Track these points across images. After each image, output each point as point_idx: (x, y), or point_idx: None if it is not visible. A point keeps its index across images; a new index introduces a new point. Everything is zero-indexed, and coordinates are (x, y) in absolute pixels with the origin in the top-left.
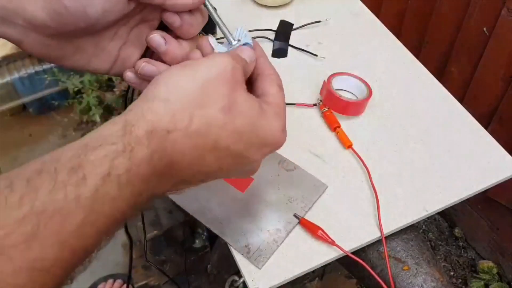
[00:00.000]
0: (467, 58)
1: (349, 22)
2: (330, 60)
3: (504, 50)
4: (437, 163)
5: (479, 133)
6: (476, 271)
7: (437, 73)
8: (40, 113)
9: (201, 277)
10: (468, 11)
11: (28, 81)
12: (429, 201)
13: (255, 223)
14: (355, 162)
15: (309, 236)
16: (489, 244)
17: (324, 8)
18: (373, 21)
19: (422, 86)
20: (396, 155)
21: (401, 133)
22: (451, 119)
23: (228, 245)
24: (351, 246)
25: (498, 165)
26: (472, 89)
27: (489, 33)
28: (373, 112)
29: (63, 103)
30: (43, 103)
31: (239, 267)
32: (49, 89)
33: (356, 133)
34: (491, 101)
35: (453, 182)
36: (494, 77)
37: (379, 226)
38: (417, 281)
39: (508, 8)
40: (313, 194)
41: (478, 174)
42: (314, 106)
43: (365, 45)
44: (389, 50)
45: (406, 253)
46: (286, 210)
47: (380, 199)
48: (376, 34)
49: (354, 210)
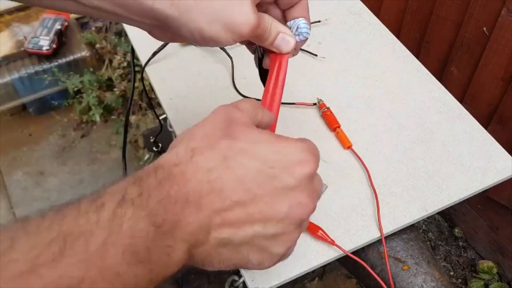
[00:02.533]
0: (467, 58)
1: (349, 22)
2: (330, 60)
3: (504, 50)
4: (437, 163)
5: (479, 133)
6: (476, 271)
7: (437, 73)
8: (40, 113)
9: (201, 277)
10: (468, 11)
11: (28, 81)
12: (429, 201)
13: None
14: (355, 162)
15: (309, 236)
16: (489, 244)
17: (324, 8)
18: (373, 21)
19: (422, 86)
20: (396, 155)
21: (401, 133)
22: (451, 119)
23: None
24: (351, 246)
25: (498, 165)
26: (472, 89)
27: (489, 33)
28: (373, 112)
29: (63, 103)
30: (43, 103)
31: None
32: (49, 89)
33: (356, 133)
34: (491, 101)
35: (453, 182)
36: (494, 77)
37: (379, 226)
38: (417, 281)
39: (508, 8)
40: None
41: (478, 174)
42: (314, 105)
43: (365, 45)
44: (389, 50)
45: (406, 253)
46: None
47: (380, 199)
48: (376, 34)
49: (354, 210)
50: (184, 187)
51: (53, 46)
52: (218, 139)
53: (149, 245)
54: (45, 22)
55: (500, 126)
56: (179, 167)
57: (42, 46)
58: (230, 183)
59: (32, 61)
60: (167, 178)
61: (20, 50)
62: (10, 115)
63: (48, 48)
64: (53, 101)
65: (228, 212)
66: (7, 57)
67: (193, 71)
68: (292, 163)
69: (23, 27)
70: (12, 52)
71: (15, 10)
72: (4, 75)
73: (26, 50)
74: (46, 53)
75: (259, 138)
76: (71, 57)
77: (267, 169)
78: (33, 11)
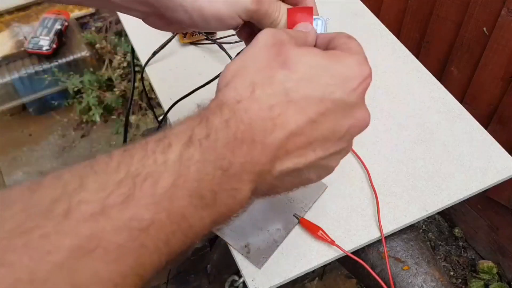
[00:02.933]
0: (467, 58)
1: (349, 22)
2: None
3: (504, 50)
4: (437, 163)
5: (479, 133)
6: (476, 271)
7: (437, 73)
8: (40, 113)
9: (201, 277)
10: (468, 11)
11: (28, 81)
12: (429, 201)
13: (255, 223)
14: (355, 162)
15: (309, 236)
16: (489, 244)
17: (324, 8)
18: (373, 21)
19: (422, 86)
20: (396, 155)
21: (401, 133)
22: (451, 119)
23: (228, 245)
24: (351, 246)
25: (498, 165)
26: (472, 89)
27: (489, 33)
28: (373, 112)
29: (63, 103)
30: (43, 103)
31: (239, 267)
32: (49, 89)
33: None
34: (491, 101)
35: (453, 182)
36: (494, 77)
37: (379, 226)
38: (417, 281)
39: (508, 8)
40: (313, 194)
41: (478, 174)
42: None
43: (365, 45)
44: (389, 50)
45: (406, 253)
46: (286, 210)
47: (380, 199)
48: (376, 34)
49: (354, 210)
50: (250, 127)
51: (53, 46)
52: (275, 69)
53: (215, 189)
54: (45, 22)
55: (500, 126)
56: (242, 104)
57: (42, 46)
58: (293, 117)
59: (32, 61)
60: (233, 117)
61: (20, 50)
62: (10, 115)
63: (48, 48)
64: (53, 101)
65: (291, 143)
66: (7, 57)
67: (193, 71)
68: (351, 84)
69: (23, 27)
70: (12, 52)
71: (15, 10)
72: (4, 75)
73: (26, 50)
74: (46, 53)
75: (313, 61)
76: (71, 57)
77: (328, 96)
78: (33, 11)
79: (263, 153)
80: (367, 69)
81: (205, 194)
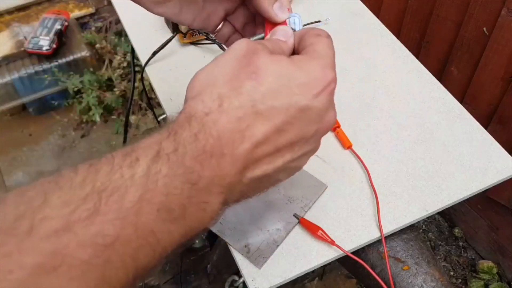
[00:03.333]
0: (467, 58)
1: (349, 22)
2: None
3: (504, 50)
4: (437, 163)
5: (479, 133)
6: (476, 271)
7: (437, 73)
8: (40, 113)
9: (201, 277)
10: (468, 11)
11: (28, 81)
12: (429, 201)
13: (255, 223)
14: (355, 162)
15: (309, 236)
16: (489, 244)
17: (324, 8)
18: (373, 21)
19: (422, 86)
20: (396, 155)
21: (401, 133)
22: (451, 119)
23: (228, 245)
24: (351, 246)
25: (498, 165)
26: (472, 89)
27: (489, 33)
28: (373, 112)
29: (63, 103)
30: (43, 103)
31: (239, 267)
32: (49, 89)
33: (356, 133)
34: (491, 101)
35: (453, 182)
36: (494, 77)
37: (379, 226)
38: (417, 281)
39: (508, 8)
40: (312, 194)
41: (478, 174)
42: None
43: (365, 45)
44: (389, 50)
45: (406, 253)
46: (286, 210)
47: (380, 199)
48: (376, 34)
49: (354, 210)
50: (219, 140)
51: (53, 46)
52: (243, 81)
53: (184, 203)
54: (45, 22)
55: (500, 126)
56: (210, 117)
57: (42, 46)
58: (260, 128)
59: (32, 61)
60: (201, 130)
61: (20, 50)
62: (10, 115)
63: (48, 48)
64: (53, 101)
65: (260, 152)
66: (7, 57)
67: (193, 71)
68: (315, 90)
69: (23, 27)
70: (12, 52)
71: (15, 10)
72: (4, 75)
73: (26, 50)
74: (46, 53)
75: (279, 71)
76: (71, 57)
77: (294, 105)
78: (33, 11)
79: (233, 165)
80: (330, 73)
81: (174, 208)
